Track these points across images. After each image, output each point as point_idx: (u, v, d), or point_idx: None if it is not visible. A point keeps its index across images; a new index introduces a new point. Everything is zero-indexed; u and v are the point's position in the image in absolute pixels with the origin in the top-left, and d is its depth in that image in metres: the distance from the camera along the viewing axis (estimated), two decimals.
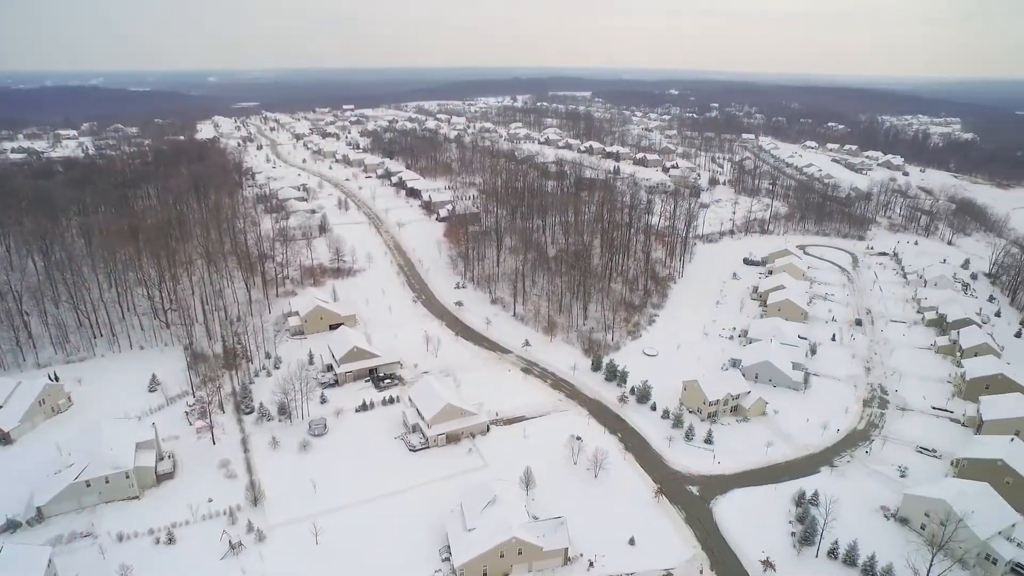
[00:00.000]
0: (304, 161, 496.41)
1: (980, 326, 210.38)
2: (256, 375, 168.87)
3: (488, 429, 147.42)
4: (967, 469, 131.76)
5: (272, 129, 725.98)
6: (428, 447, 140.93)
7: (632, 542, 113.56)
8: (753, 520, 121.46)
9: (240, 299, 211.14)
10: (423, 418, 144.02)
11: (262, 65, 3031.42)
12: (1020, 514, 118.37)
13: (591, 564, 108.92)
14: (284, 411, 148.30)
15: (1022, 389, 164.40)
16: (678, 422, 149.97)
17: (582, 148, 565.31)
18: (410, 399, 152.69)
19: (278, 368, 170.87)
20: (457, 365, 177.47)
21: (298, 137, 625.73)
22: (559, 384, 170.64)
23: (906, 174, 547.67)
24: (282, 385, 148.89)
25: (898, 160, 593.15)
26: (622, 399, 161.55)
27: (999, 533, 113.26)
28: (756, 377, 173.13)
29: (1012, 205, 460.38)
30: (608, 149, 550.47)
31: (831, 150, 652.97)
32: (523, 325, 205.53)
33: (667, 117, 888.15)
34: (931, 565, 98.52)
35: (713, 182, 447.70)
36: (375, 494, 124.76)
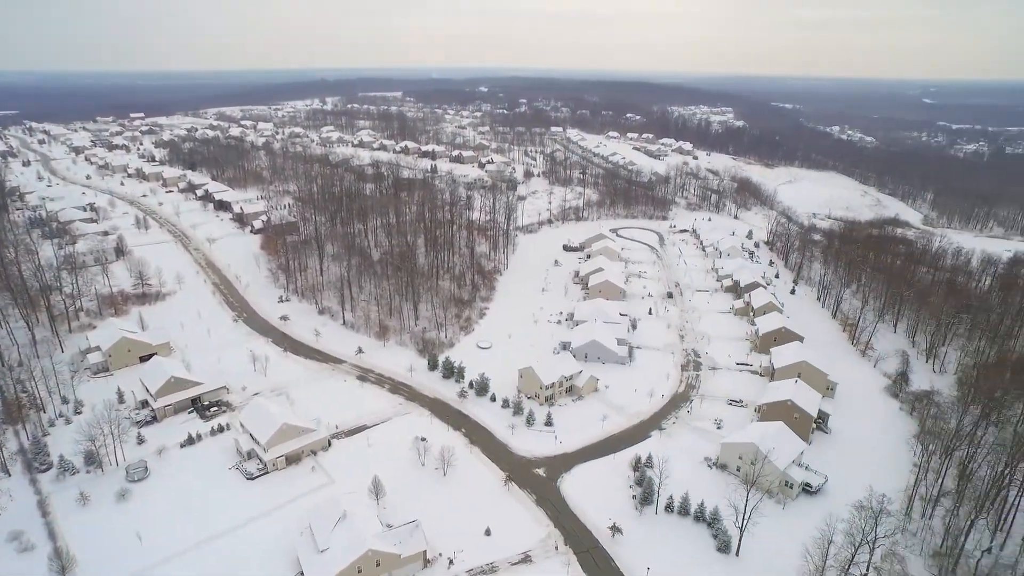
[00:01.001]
0: (88, 177, 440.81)
1: (765, 287, 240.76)
2: (51, 425, 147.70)
3: (329, 444, 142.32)
4: (766, 412, 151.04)
5: (42, 142, 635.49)
6: (267, 472, 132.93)
7: (488, 532, 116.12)
8: (598, 490, 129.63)
9: (20, 340, 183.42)
10: (258, 442, 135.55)
11: (17, 66, 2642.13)
12: (805, 443, 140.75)
13: (451, 562, 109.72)
14: (93, 460, 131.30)
15: (798, 338, 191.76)
16: (518, 409, 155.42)
17: (397, 148, 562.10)
18: (242, 424, 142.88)
19: (80, 413, 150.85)
20: (289, 382, 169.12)
21: (77, 151, 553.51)
22: (398, 388, 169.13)
23: (695, 158, 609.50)
24: (87, 431, 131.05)
25: (688, 146, 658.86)
26: (462, 394, 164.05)
27: (792, 462, 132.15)
28: (586, 357, 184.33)
29: (777, 182, 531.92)
30: (424, 148, 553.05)
31: (631, 139, 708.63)
32: (354, 333, 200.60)
33: (479, 114, 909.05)
34: (747, 500, 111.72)
35: (528, 175, 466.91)
36: (214, 532, 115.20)
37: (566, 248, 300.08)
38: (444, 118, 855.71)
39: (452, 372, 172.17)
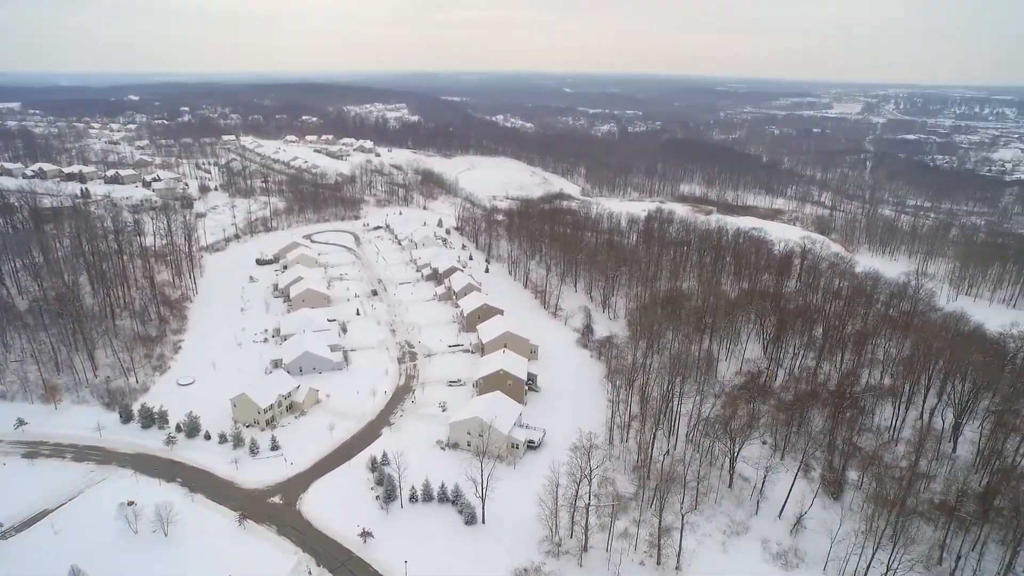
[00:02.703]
0: None
1: (462, 270, 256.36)
2: None
3: None
4: (484, 385, 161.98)
5: None
6: None
7: None
8: (340, 501, 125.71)
9: None
10: None
11: None
12: (522, 405, 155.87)
13: None
14: None
15: (499, 311, 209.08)
16: (238, 441, 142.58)
17: (28, 173, 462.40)
18: None
19: None
20: None
21: None
22: (85, 453, 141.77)
23: (378, 155, 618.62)
24: None
25: (369, 144, 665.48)
26: (170, 441, 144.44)
27: (515, 424, 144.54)
28: (300, 370, 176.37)
29: (457, 170, 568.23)
30: (67, 170, 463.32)
31: (311, 142, 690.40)
32: (8, 403, 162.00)
33: (133, 126, 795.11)
34: (482, 470, 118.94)
35: (204, 189, 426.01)
36: None
37: (260, 262, 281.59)
38: (89, 133, 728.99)
39: (153, 419, 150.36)
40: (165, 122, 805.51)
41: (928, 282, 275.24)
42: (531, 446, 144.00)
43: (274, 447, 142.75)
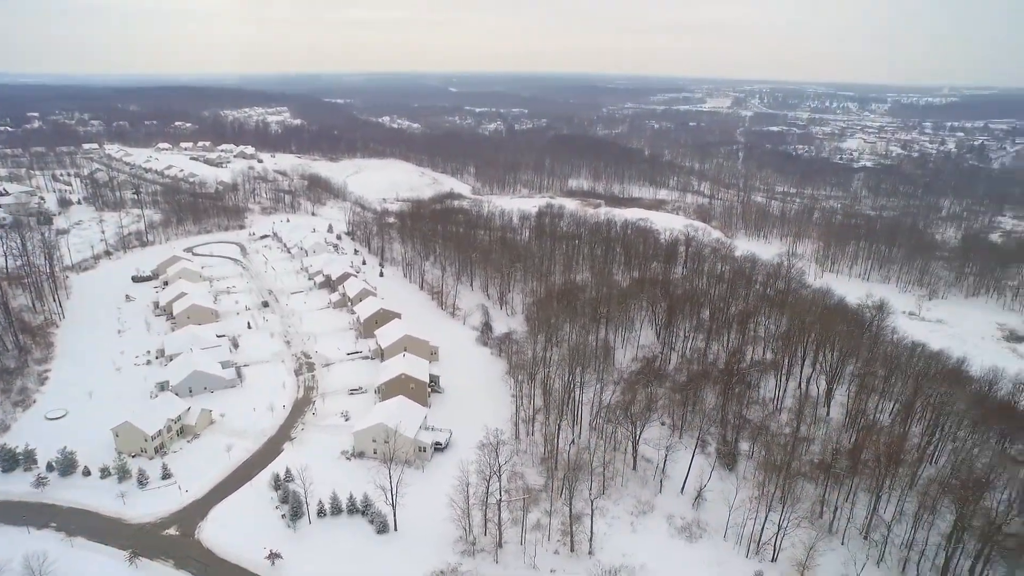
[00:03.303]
0: None
1: (356, 275, 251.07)
2: None
3: None
4: (386, 391, 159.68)
5: None
6: None
7: None
8: (244, 525, 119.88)
9: None
10: None
11: None
12: (426, 407, 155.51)
13: None
14: None
15: (397, 315, 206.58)
16: (124, 473, 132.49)
17: None
18: None
19: None
20: None
21: None
22: None
23: (261, 161, 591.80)
24: None
25: (250, 150, 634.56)
26: (40, 482, 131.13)
27: (420, 427, 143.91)
28: (190, 391, 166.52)
29: (344, 174, 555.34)
30: None
31: (187, 149, 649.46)
32: None
33: None
34: (391, 477, 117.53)
35: (65, 203, 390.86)
36: None
37: (137, 279, 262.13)
38: None
39: (16, 460, 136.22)
40: (9, 129, 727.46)
41: (798, 262, 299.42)
42: (438, 448, 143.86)
43: (166, 475, 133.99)
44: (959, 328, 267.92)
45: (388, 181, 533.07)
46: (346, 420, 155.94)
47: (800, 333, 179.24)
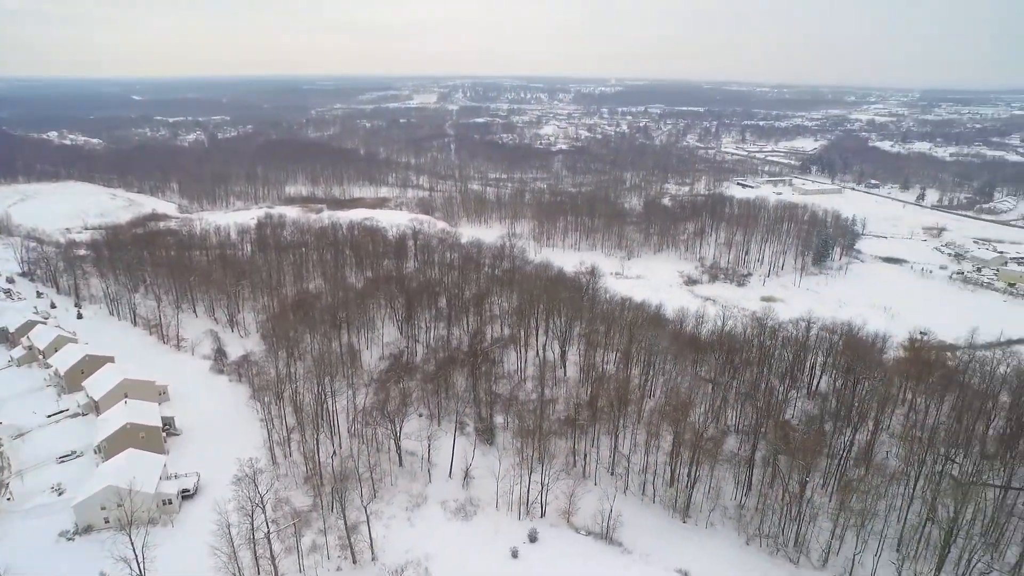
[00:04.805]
0: None
1: (45, 322, 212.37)
2: None
3: None
4: (109, 447, 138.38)
5: None
6: None
7: None
8: None
9: None
10: None
11: None
12: (164, 454, 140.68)
13: None
14: None
15: (109, 359, 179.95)
16: None
17: None
18: None
19: None
20: None
21: None
22: None
23: None
24: None
25: None
26: None
27: (161, 478, 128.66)
28: None
29: (6, 204, 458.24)
30: None
31: None
32: None
33: None
34: (132, 542, 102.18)
35: None
36: None
37: None
38: None
39: None
40: None
41: (519, 241, 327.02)
42: (187, 495, 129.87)
43: None
44: (654, 280, 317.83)
45: (71, 207, 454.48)
46: (60, 495, 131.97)
47: (530, 306, 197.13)
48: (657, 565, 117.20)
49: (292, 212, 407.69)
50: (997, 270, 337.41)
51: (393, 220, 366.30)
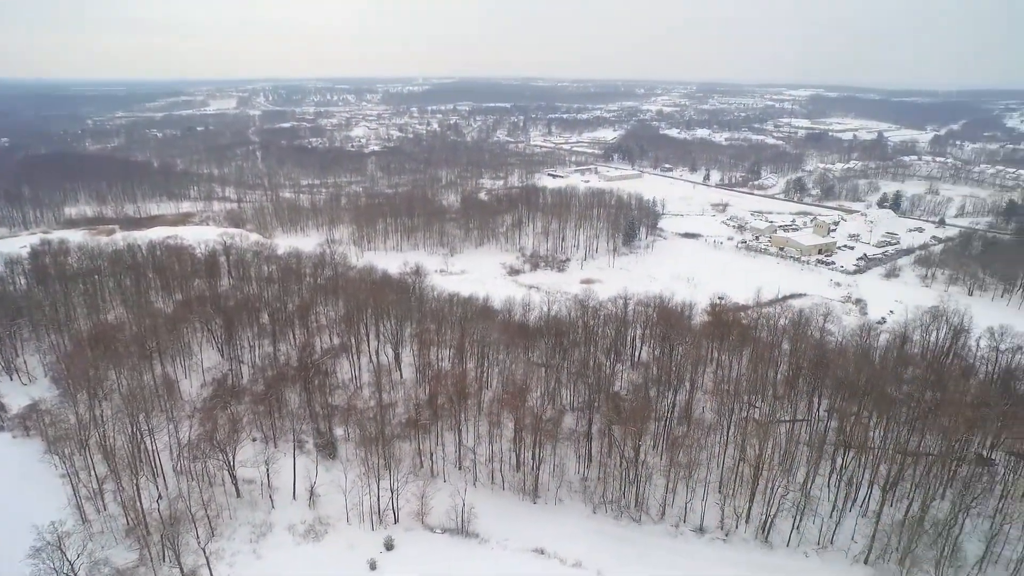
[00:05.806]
0: None
1: None
2: None
3: None
4: None
5: None
6: None
7: None
8: None
9: None
10: None
11: None
12: None
13: None
14: None
15: None
16: None
17: None
18: None
19: None
20: None
21: None
22: None
23: None
24: None
25: None
26: None
27: None
28: None
29: None
30: None
31: None
32: None
33: None
34: None
35: None
36: None
37: None
38: None
39: None
40: None
41: (339, 247, 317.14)
42: None
43: None
44: (478, 273, 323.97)
45: None
46: None
47: (358, 312, 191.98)
48: (514, 548, 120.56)
49: (76, 236, 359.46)
50: (769, 237, 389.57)
51: (201, 236, 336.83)
